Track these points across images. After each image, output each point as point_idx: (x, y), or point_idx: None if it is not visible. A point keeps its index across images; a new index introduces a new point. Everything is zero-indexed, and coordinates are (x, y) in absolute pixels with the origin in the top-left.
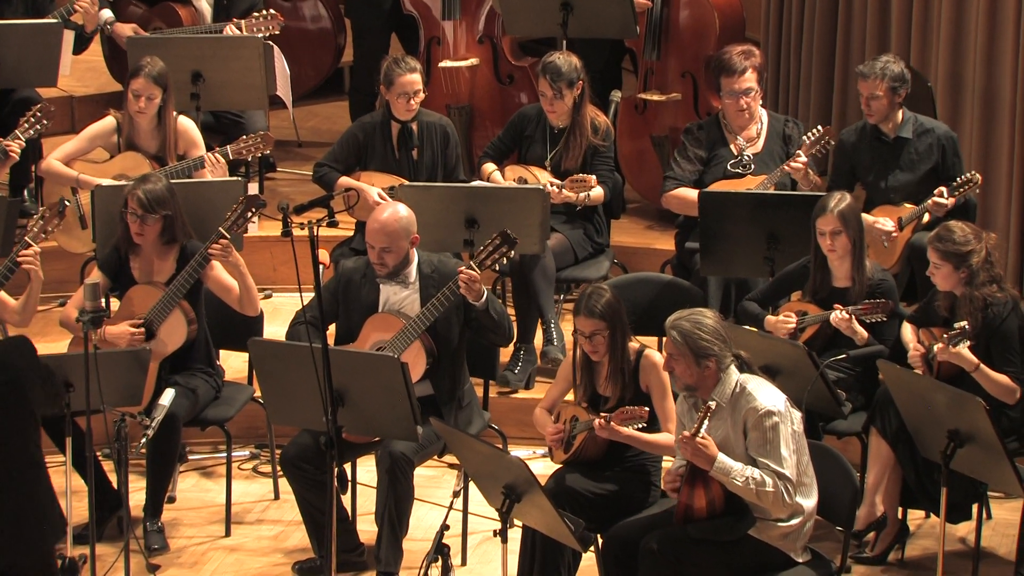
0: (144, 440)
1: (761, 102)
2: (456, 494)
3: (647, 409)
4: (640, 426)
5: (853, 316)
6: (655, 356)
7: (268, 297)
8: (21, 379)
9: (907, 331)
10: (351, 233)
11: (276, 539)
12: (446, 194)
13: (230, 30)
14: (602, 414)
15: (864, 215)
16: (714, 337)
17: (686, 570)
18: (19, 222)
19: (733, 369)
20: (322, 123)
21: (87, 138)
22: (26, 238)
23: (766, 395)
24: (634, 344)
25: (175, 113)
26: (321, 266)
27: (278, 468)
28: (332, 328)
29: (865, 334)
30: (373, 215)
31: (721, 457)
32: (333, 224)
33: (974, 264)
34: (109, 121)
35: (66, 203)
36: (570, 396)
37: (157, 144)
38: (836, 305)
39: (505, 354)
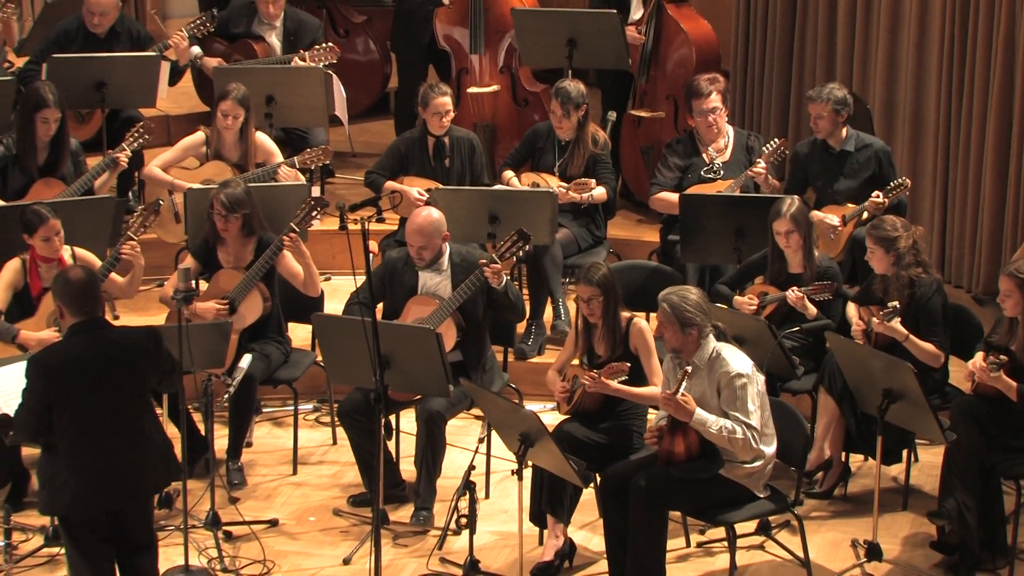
0: (226, 396)
1: (728, 119)
2: (481, 441)
3: (628, 364)
4: (623, 379)
5: (805, 296)
6: (642, 323)
7: (328, 280)
8: (139, 358)
9: (850, 308)
10: (396, 227)
11: (334, 477)
12: (473, 196)
13: (297, 61)
14: (592, 371)
15: (814, 212)
16: (697, 310)
17: (668, 503)
18: (124, 218)
19: (711, 337)
20: (372, 137)
21: (181, 149)
22: (128, 232)
23: (737, 360)
24: (625, 313)
25: (254, 129)
26: (371, 255)
27: (335, 419)
28: (380, 306)
29: (815, 310)
30: (411, 219)
31: (699, 410)
32: (381, 220)
33: (901, 248)
34: (199, 135)
35: (160, 202)
36: (576, 361)
37: (239, 154)
38: (792, 287)
39: (520, 328)
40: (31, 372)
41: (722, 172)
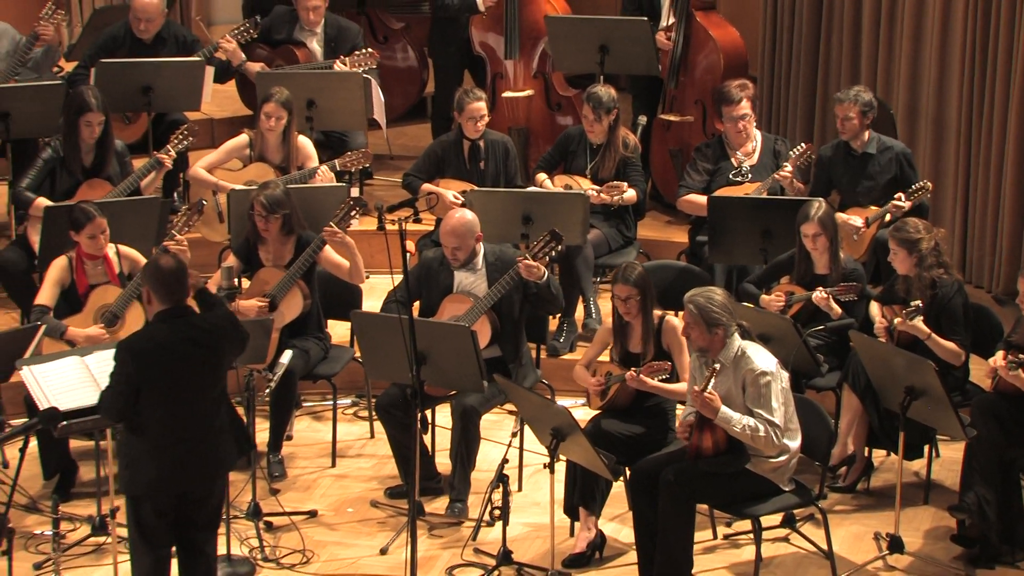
0: (268, 390)
1: (755, 124)
2: (514, 435)
3: (670, 364)
4: (663, 377)
5: (830, 296)
6: (675, 321)
7: (366, 278)
8: (222, 341)
9: (873, 308)
10: (432, 228)
11: (372, 469)
12: (507, 197)
13: (337, 66)
14: (633, 369)
15: (838, 214)
16: (722, 310)
17: (696, 496)
18: (169, 218)
19: (736, 336)
20: (409, 141)
21: (225, 151)
22: (172, 231)
23: (762, 358)
24: (658, 312)
25: (296, 132)
26: (408, 254)
27: (373, 413)
28: (416, 304)
29: (839, 310)
30: (446, 220)
31: (724, 408)
32: (417, 220)
33: (923, 250)
34: (243, 138)
35: (204, 202)
36: (603, 357)
37: (281, 157)
38: (818, 288)
39: (553, 325)
40: (121, 356)
41: (750, 175)
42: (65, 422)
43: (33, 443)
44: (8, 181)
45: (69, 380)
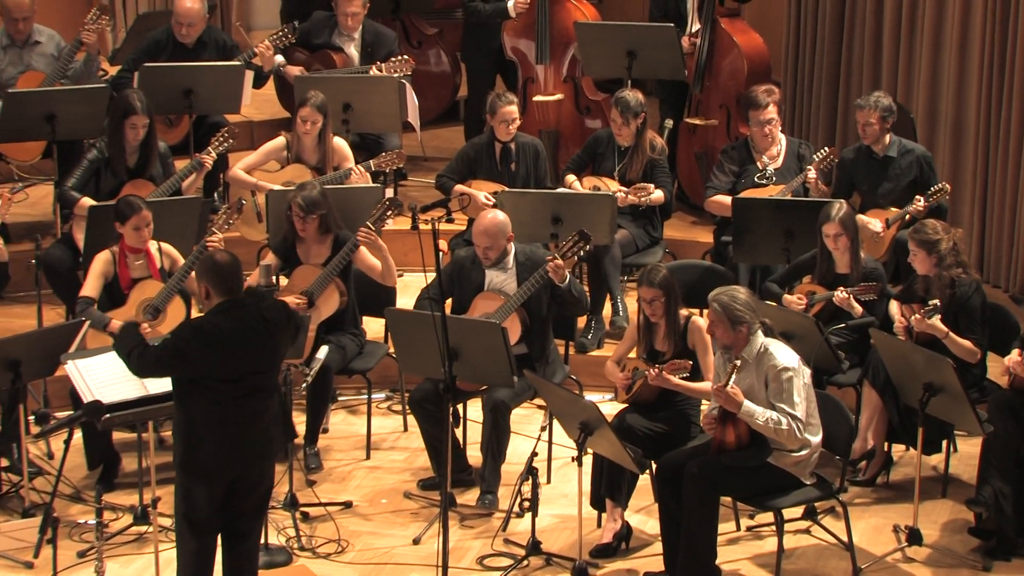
0: (304, 385)
1: (780, 128)
2: (543, 429)
3: (690, 362)
4: (684, 375)
5: (851, 295)
6: (700, 321)
7: (400, 276)
8: (277, 330)
9: (893, 307)
10: (464, 228)
11: (405, 461)
12: (537, 198)
13: (373, 71)
14: (655, 366)
15: (859, 216)
16: (746, 308)
17: (720, 489)
18: (209, 217)
19: (760, 333)
20: (442, 143)
21: (263, 153)
22: (212, 228)
23: (784, 355)
24: (684, 312)
25: (332, 134)
26: (441, 253)
27: (407, 407)
28: (449, 302)
29: (860, 309)
30: (478, 220)
31: (746, 403)
32: (450, 220)
33: (942, 250)
34: (281, 140)
35: (243, 202)
36: (633, 353)
37: (318, 158)
38: (839, 287)
39: (581, 323)
40: (185, 332)
41: (774, 178)
42: (108, 415)
43: (78, 435)
44: (54, 181)
45: (113, 374)
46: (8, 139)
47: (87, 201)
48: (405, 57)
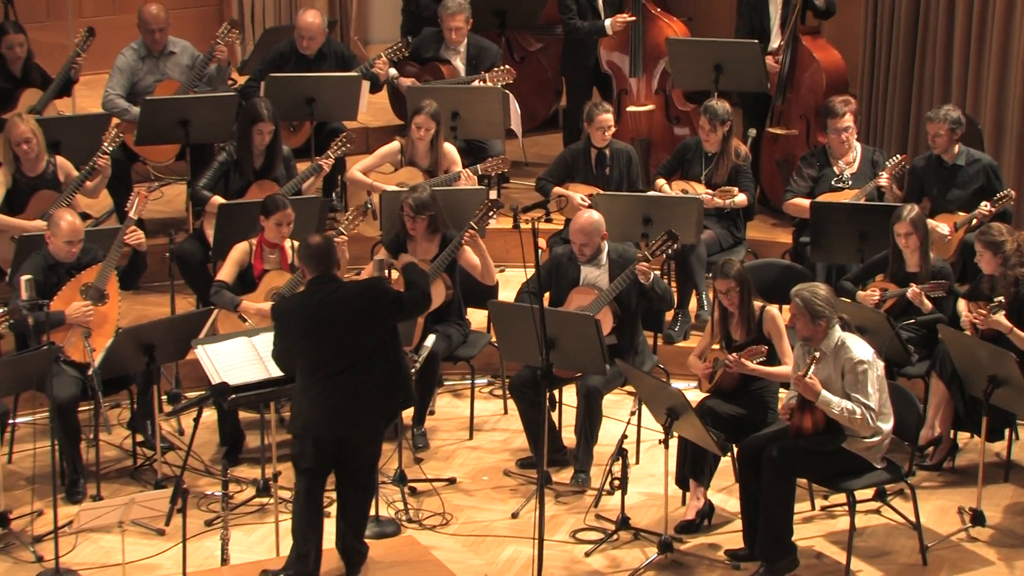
0: (413, 370)
1: (856, 137)
2: (633, 413)
3: (766, 347)
4: (761, 360)
5: (922, 292)
6: (774, 310)
7: (502, 271)
8: (362, 303)
9: (961, 304)
10: (562, 227)
11: (504, 442)
12: (629, 200)
13: (478, 82)
14: (732, 354)
15: (929, 220)
16: (825, 303)
17: (797, 471)
18: (328, 216)
19: (837, 327)
20: (542, 149)
21: (379, 156)
22: (339, 227)
23: (860, 348)
24: (758, 303)
25: (443, 140)
26: (539, 250)
27: (507, 392)
28: (547, 295)
29: (930, 305)
30: (575, 219)
31: (824, 392)
32: (549, 220)
33: (1007, 251)
34: (395, 144)
35: (369, 206)
36: (716, 346)
37: (429, 162)
38: (911, 284)
39: (669, 316)
40: (274, 315)
41: (850, 183)
42: (234, 395)
43: (210, 413)
44: (187, 180)
45: (238, 358)
46: (145, 142)
47: (217, 199)
48: (507, 67)
